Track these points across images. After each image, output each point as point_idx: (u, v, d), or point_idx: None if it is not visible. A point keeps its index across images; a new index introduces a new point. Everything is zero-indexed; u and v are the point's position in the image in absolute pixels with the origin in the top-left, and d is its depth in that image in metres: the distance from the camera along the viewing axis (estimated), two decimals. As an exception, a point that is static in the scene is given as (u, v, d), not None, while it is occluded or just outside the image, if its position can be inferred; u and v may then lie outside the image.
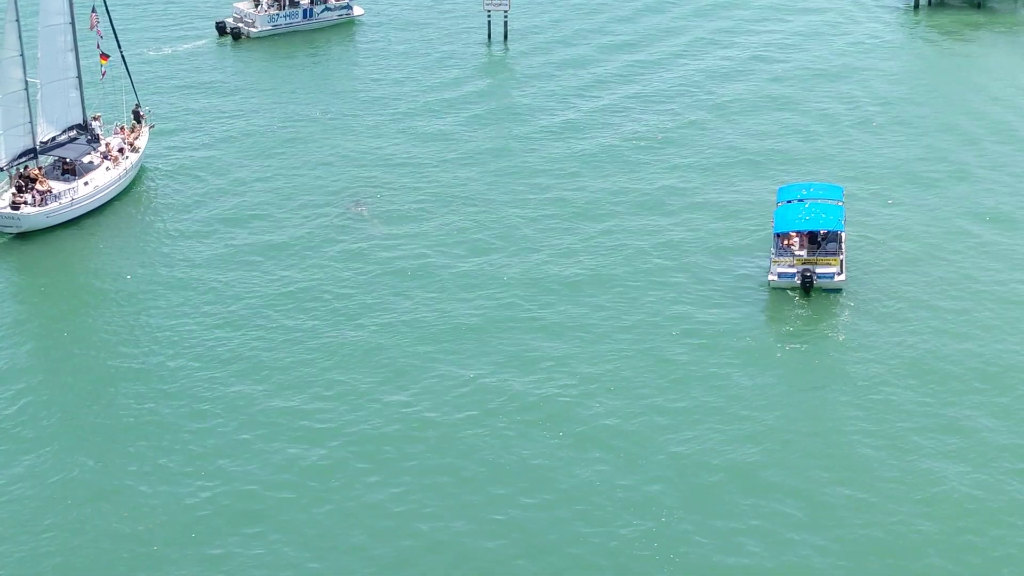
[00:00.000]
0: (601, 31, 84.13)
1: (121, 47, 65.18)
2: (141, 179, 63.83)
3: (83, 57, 63.15)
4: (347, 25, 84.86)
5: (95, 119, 64.02)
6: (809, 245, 53.40)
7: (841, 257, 52.81)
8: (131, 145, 64.17)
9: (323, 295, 53.03)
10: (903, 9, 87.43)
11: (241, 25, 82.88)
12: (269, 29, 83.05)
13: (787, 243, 53.64)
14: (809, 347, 49.38)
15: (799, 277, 51.99)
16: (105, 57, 64.21)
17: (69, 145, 62.56)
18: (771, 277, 52.63)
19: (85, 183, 60.61)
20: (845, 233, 54.48)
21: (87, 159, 62.05)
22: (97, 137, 63.52)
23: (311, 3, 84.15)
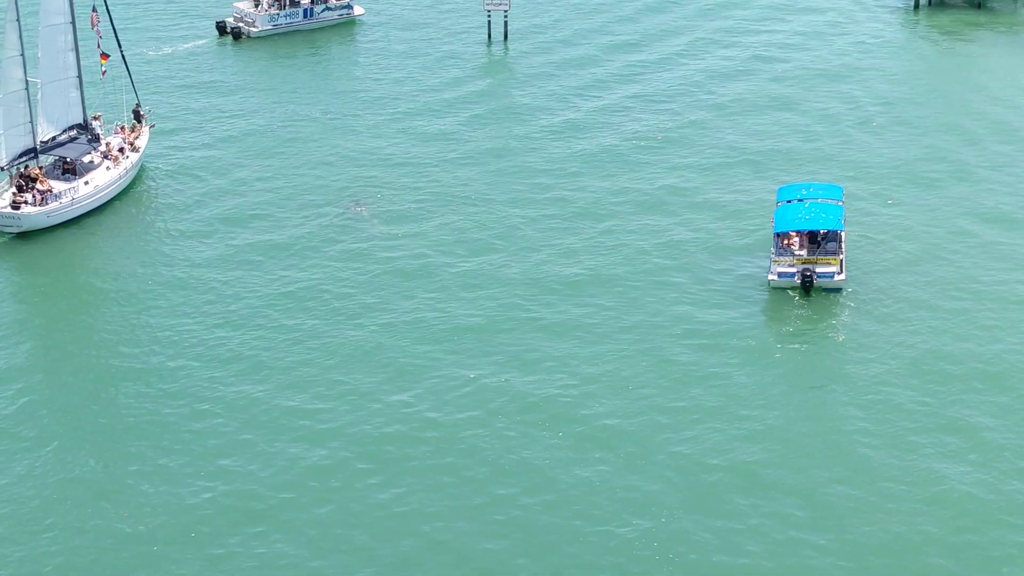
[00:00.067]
0: (601, 31, 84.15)
1: (121, 47, 65.16)
2: (141, 179, 63.83)
3: (83, 57, 63.12)
4: (347, 25, 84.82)
5: (95, 119, 64.01)
6: (809, 245, 53.35)
7: (841, 256, 52.79)
8: (131, 145, 64.17)
9: (323, 295, 53.04)
10: (903, 9, 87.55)
11: (241, 25, 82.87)
12: (269, 29, 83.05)
13: (787, 243, 53.61)
14: (809, 347, 49.40)
15: (799, 276, 51.97)
16: (105, 56, 64.23)
17: (69, 145, 62.56)
18: (771, 277, 52.63)
19: (85, 183, 60.61)
20: (845, 233, 54.45)
21: (87, 159, 62.05)
22: (97, 137, 63.50)
23: (311, 3, 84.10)
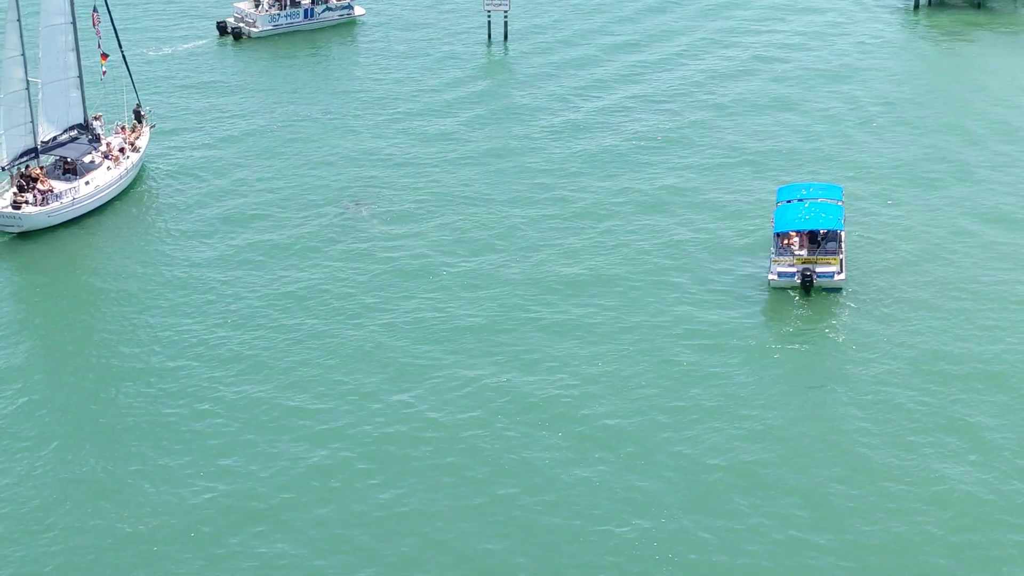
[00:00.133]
0: (601, 31, 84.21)
1: (122, 47, 65.21)
2: (142, 179, 63.90)
3: (84, 57, 63.17)
4: (348, 25, 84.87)
5: (96, 119, 64.08)
6: (809, 245, 53.44)
7: (841, 256, 52.87)
8: (132, 145, 64.25)
9: (324, 295, 53.09)
10: (903, 9, 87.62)
11: (242, 25, 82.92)
12: (270, 29, 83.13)
13: (787, 243, 53.69)
14: (809, 347, 49.44)
15: (799, 276, 52.05)
16: (105, 56, 64.30)
17: (70, 145, 62.65)
18: (771, 276, 52.71)
19: (86, 183, 60.69)
20: (845, 232, 54.51)
21: (88, 159, 62.12)
22: (98, 137, 63.59)
23: (312, 3, 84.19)
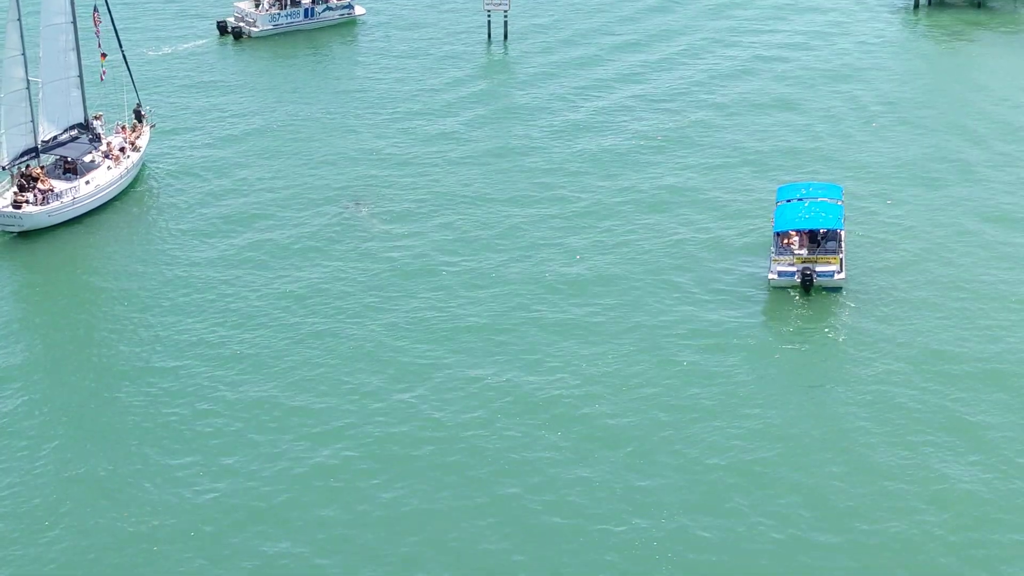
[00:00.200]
0: (602, 31, 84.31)
1: (122, 46, 65.29)
2: (142, 178, 64.00)
3: (84, 56, 63.23)
4: (348, 25, 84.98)
5: (96, 118, 64.17)
6: (809, 244, 53.57)
7: (841, 255, 52.96)
8: (132, 144, 64.34)
9: (325, 294, 53.18)
10: (904, 8, 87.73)
11: (242, 24, 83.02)
12: (270, 28, 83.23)
13: (787, 242, 53.80)
14: (809, 346, 49.56)
15: (799, 275, 52.17)
16: (104, 56, 64.44)
17: (70, 144, 62.72)
18: (771, 276, 52.82)
19: (87, 182, 60.77)
20: (845, 232, 54.60)
21: (88, 158, 62.19)
22: (99, 136, 63.69)
23: (312, 2, 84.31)
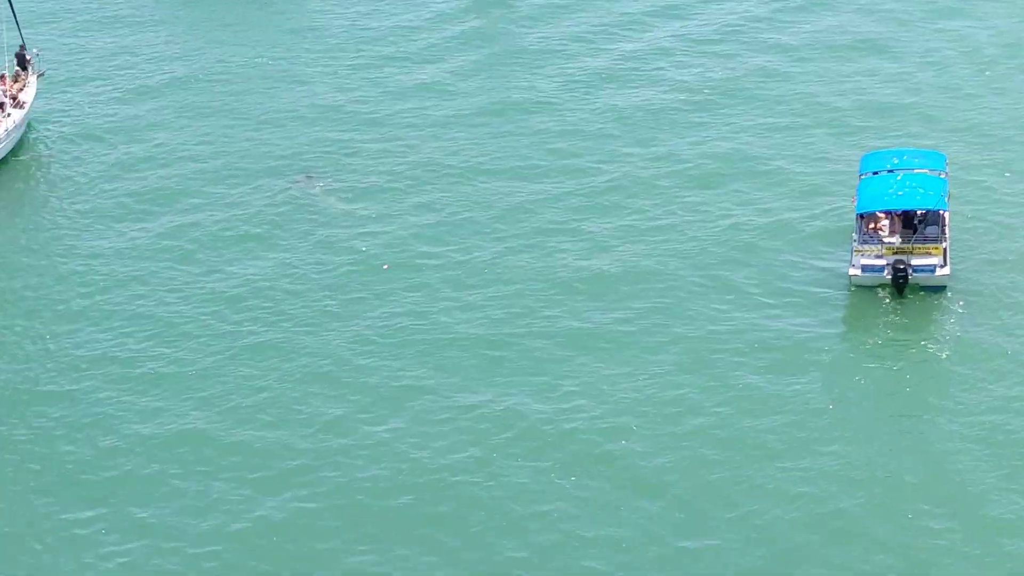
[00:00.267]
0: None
1: (1, -30, 66.85)
2: (27, 144, 64.81)
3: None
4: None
5: (-35, 65, 65.76)
6: (903, 230, 54.27)
7: (944, 245, 53.62)
8: (13, 99, 65.16)
9: (269, 296, 53.95)
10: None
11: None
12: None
13: (874, 227, 54.56)
14: (904, 364, 50.12)
15: (890, 271, 52.88)
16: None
17: (-67, 99, 64.19)
18: (853, 272, 53.58)
19: (-47, 149, 62.45)
20: (949, 213, 55.25)
21: (-44, 117, 63.66)
22: (-32, 89, 65.22)
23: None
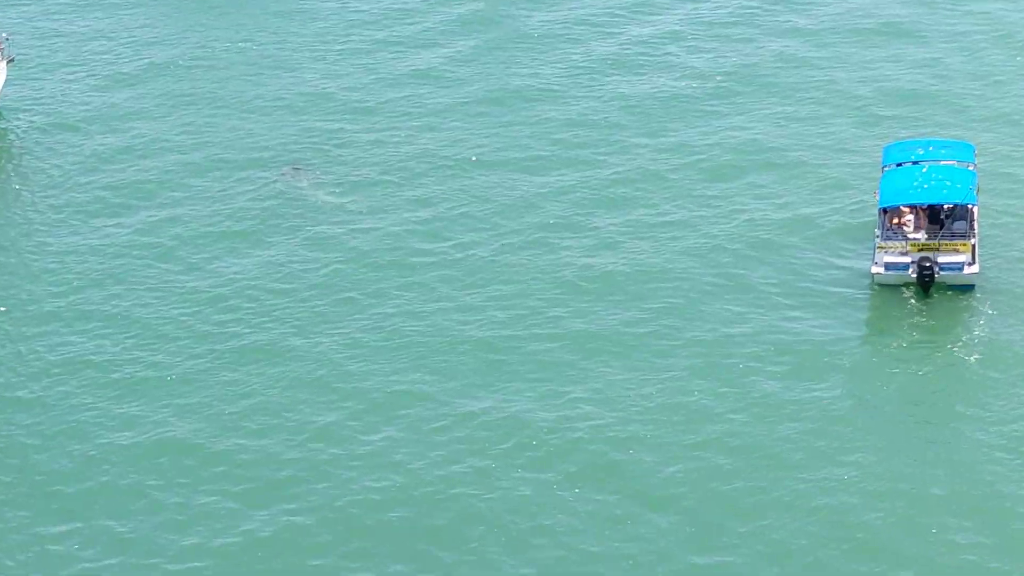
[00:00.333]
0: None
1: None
2: (-2, 135, 65.74)
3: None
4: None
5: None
6: (929, 225, 54.84)
7: (973, 241, 54.11)
8: (-19, 87, 67.26)
9: (254, 297, 54.70)
10: None
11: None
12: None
13: (898, 222, 55.08)
14: (930, 368, 50.72)
15: (915, 269, 53.50)
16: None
17: None
18: (876, 269, 54.17)
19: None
20: (978, 208, 55.72)
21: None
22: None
23: None
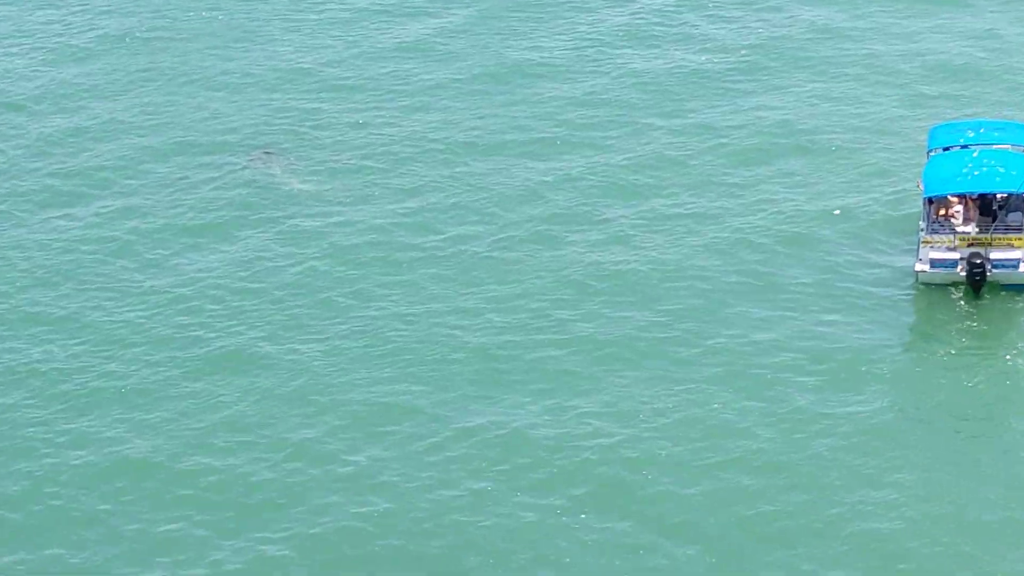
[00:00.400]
0: None
1: None
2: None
3: None
4: None
5: None
6: (979, 217, 54.32)
7: None
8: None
9: (220, 298, 54.25)
10: None
11: None
12: None
13: (945, 214, 54.57)
14: (981, 378, 50.09)
15: (964, 266, 53.10)
16: None
17: None
18: (920, 267, 53.68)
19: None
20: None
21: None
22: None
23: None
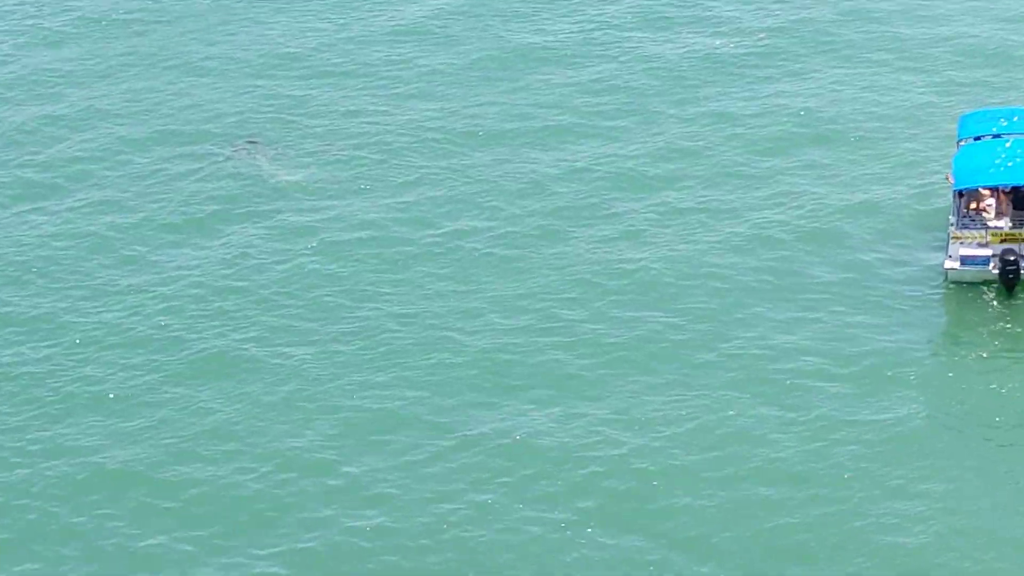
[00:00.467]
0: None
1: None
2: None
3: None
4: None
5: None
6: (1013, 211, 54.83)
7: None
8: None
9: (205, 298, 55.23)
10: None
11: None
12: None
13: (976, 207, 55.12)
14: (1015, 384, 50.80)
15: (996, 263, 53.73)
16: None
17: None
18: (950, 264, 54.27)
19: None
20: None
21: None
22: None
23: None
